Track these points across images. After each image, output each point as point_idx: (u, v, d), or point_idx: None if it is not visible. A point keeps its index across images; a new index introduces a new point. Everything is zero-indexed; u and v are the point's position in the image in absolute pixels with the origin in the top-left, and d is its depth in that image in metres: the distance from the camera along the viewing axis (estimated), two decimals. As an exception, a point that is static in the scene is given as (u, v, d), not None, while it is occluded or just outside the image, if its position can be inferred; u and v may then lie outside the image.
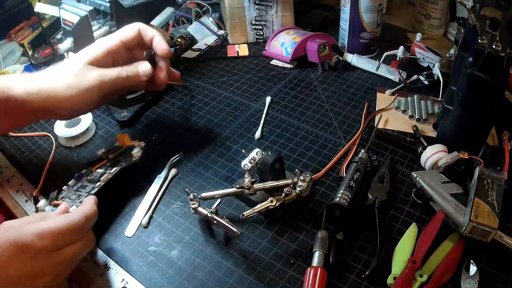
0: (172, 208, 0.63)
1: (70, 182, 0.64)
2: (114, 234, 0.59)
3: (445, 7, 0.91)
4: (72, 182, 0.64)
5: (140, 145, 0.67)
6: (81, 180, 0.64)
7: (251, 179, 0.59)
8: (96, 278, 0.54)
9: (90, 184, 0.62)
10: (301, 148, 0.71)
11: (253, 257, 0.56)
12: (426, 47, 0.83)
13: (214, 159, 0.70)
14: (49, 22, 0.93)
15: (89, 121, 0.75)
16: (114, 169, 0.64)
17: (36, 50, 0.90)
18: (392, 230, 0.58)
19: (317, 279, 0.50)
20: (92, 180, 0.63)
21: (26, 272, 0.45)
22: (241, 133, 0.75)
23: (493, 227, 0.51)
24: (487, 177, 0.56)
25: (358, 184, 0.61)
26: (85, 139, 0.75)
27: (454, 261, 0.52)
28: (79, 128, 0.73)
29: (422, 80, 0.82)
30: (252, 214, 0.55)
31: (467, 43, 0.60)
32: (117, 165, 0.65)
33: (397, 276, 0.51)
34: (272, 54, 0.93)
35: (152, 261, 0.56)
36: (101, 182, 0.62)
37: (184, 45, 0.97)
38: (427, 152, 0.64)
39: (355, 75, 0.87)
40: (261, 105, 0.81)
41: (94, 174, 0.65)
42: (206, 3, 1.07)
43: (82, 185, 0.63)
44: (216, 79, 0.88)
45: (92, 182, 0.63)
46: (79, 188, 0.63)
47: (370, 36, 0.89)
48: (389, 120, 0.75)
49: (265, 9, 0.95)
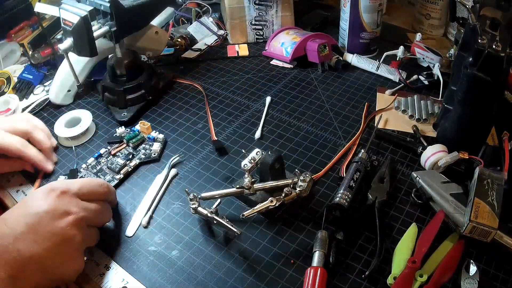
0: (172, 208, 0.63)
1: (90, 160, 0.69)
2: (114, 234, 0.59)
3: (445, 7, 0.92)
4: (92, 161, 0.69)
5: (159, 139, 0.71)
6: (100, 161, 0.69)
7: (251, 179, 0.59)
8: (96, 278, 0.54)
9: (110, 172, 0.67)
10: (301, 148, 0.71)
11: (253, 257, 0.56)
12: (426, 47, 0.83)
13: (214, 159, 0.70)
14: (49, 22, 0.93)
15: (89, 121, 0.75)
16: (134, 163, 0.68)
17: (36, 50, 0.90)
18: (392, 230, 0.58)
19: (317, 279, 0.50)
20: (111, 168, 0.67)
21: (51, 209, 0.48)
22: (241, 133, 0.75)
23: (493, 227, 0.51)
24: (487, 177, 0.56)
25: (358, 184, 0.61)
26: (85, 139, 0.75)
27: (454, 261, 0.52)
28: (79, 128, 0.74)
29: (422, 80, 0.82)
30: (252, 214, 0.55)
31: (467, 43, 0.60)
32: (137, 157, 0.69)
33: (397, 276, 0.51)
34: (272, 54, 0.93)
35: (152, 261, 0.56)
36: (121, 175, 0.66)
37: (184, 45, 0.97)
38: (427, 152, 0.64)
39: (355, 75, 0.87)
40: (261, 105, 0.81)
41: (113, 162, 0.68)
42: (206, 3, 1.07)
43: (102, 171, 0.68)
44: (216, 79, 0.88)
45: (111, 170, 0.67)
46: (98, 172, 0.67)
47: (370, 36, 0.89)
48: (389, 120, 0.75)
49: (265, 9, 0.95)
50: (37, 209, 0.48)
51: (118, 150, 0.70)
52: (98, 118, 0.79)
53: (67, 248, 0.49)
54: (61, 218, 0.49)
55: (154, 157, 0.70)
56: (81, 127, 0.74)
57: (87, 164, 0.69)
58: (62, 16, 0.67)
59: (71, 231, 0.49)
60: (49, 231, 0.47)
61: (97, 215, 0.54)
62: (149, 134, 0.73)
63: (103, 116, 0.80)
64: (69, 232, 0.49)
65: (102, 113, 0.81)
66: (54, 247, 0.47)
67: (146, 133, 0.73)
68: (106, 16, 0.71)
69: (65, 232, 0.48)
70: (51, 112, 0.82)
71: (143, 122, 0.73)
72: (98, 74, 0.85)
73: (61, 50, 0.67)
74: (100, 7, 0.69)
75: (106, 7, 0.69)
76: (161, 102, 0.83)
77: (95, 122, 0.78)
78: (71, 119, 0.76)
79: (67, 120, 0.76)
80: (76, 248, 0.50)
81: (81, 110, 0.78)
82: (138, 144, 0.72)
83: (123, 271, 0.55)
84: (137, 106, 0.79)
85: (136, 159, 0.69)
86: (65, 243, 0.48)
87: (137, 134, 0.72)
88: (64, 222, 0.49)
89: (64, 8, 0.67)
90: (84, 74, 0.83)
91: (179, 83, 0.87)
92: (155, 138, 0.72)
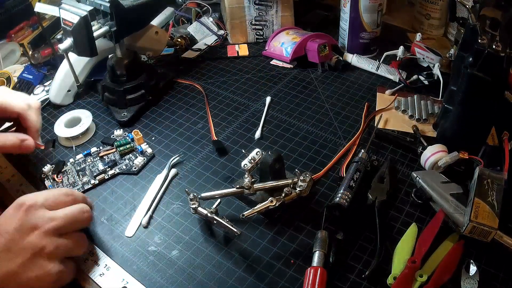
0: (172, 208, 0.63)
1: (78, 156, 0.70)
2: (114, 234, 0.59)
3: (445, 7, 0.92)
4: (80, 157, 0.70)
5: (147, 153, 0.69)
6: (86, 160, 0.70)
7: (251, 179, 0.59)
8: (96, 278, 0.54)
9: (90, 174, 0.67)
10: (301, 148, 0.71)
11: (253, 257, 0.56)
12: (426, 47, 0.83)
13: (214, 159, 0.70)
14: (49, 22, 0.93)
15: (89, 121, 0.75)
16: (113, 172, 0.67)
17: (36, 50, 0.90)
18: (392, 230, 0.58)
19: (317, 279, 0.50)
20: (91, 171, 0.66)
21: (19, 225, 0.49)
22: (241, 133, 0.75)
23: (493, 227, 0.51)
24: (487, 177, 0.56)
25: (358, 184, 0.61)
26: (86, 139, 0.75)
27: (454, 261, 0.52)
28: (79, 128, 0.74)
29: (422, 80, 0.82)
30: (252, 214, 0.55)
31: (467, 43, 0.60)
32: (118, 166, 0.68)
33: (397, 276, 0.51)
34: (272, 54, 0.93)
35: (152, 261, 0.56)
36: (96, 181, 0.66)
37: (184, 45, 0.97)
38: (427, 152, 0.64)
39: (355, 75, 0.87)
40: (261, 105, 0.81)
41: (95, 165, 0.68)
42: (206, 3, 1.07)
43: (84, 170, 0.68)
44: (216, 79, 0.88)
45: (90, 174, 0.66)
46: (80, 171, 0.68)
47: (370, 36, 0.89)
48: (389, 120, 0.75)
49: (265, 9, 0.95)
50: (7, 227, 0.49)
51: (106, 153, 0.70)
52: (98, 118, 0.79)
53: (39, 260, 0.49)
54: (30, 233, 0.49)
55: (133, 172, 0.67)
56: (81, 127, 0.74)
57: (75, 159, 0.70)
58: (62, 16, 0.67)
59: (40, 243, 0.49)
60: (20, 248, 0.49)
61: (67, 221, 0.52)
62: (139, 145, 0.71)
63: (103, 116, 0.80)
64: (38, 245, 0.49)
65: (102, 113, 0.81)
66: (26, 261, 0.48)
67: (137, 143, 0.71)
68: (106, 16, 0.71)
69: (35, 245, 0.49)
70: (51, 112, 0.82)
71: (136, 132, 0.72)
72: (98, 74, 0.85)
73: (61, 50, 0.67)
74: (100, 7, 0.69)
75: (106, 7, 0.69)
76: (161, 102, 0.83)
77: (95, 122, 0.78)
78: (71, 119, 0.76)
79: (67, 120, 0.76)
80: (49, 258, 0.50)
81: (81, 110, 0.78)
82: (126, 153, 0.70)
83: (123, 271, 0.55)
84: (137, 106, 0.79)
85: (116, 168, 0.68)
86: (36, 256, 0.49)
87: (129, 142, 0.71)
88: (33, 236, 0.49)
89: (64, 8, 0.67)
90: (84, 74, 0.83)
91: (179, 83, 0.87)
92: (143, 151, 0.70)
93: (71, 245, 0.52)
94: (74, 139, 0.74)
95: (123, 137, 0.73)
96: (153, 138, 0.74)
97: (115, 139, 0.73)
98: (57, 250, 0.50)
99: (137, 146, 0.71)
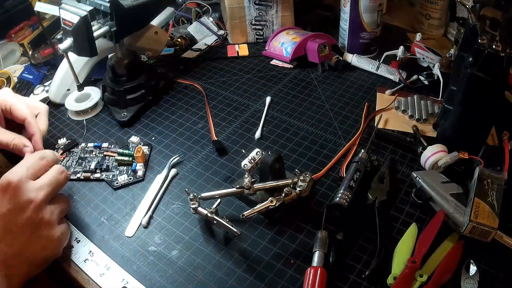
0: (172, 208, 0.63)
1: (90, 145, 0.72)
2: (114, 234, 0.59)
3: (445, 7, 0.92)
4: (91, 146, 0.72)
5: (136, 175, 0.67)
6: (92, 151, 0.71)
7: (251, 179, 0.59)
8: (96, 278, 0.54)
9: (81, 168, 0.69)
10: (301, 148, 0.71)
11: (253, 257, 0.56)
12: (426, 47, 0.83)
13: (214, 159, 0.70)
14: (49, 22, 0.93)
15: (98, 96, 0.80)
16: (97, 175, 0.67)
17: (36, 50, 0.90)
18: (392, 230, 0.58)
19: (317, 279, 0.50)
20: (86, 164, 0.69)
21: (12, 205, 0.50)
22: (241, 133, 0.75)
23: (493, 227, 0.51)
24: (487, 177, 0.56)
25: (358, 184, 0.61)
26: (94, 113, 0.80)
27: (454, 261, 0.52)
28: (89, 102, 0.79)
29: (422, 80, 0.82)
30: (252, 214, 0.55)
31: (467, 43, 0.60)
32: (105, 174, 0.68)
33: (397, 276, 0.51)
34: (272, 54, 0.93)
35: (152, 261, 0.56)
36: (81, 176, 0.68)
37: (184, 45, 0.97)
38: (427, 152, 0.64)
39: (355, 75, 0.87)
40: (261, 105, 0.81)
41: (90, 161, 0.70)
42: (206, 3, 1.07)
43: (80, 159, 0.70)
44: (216, 79, 0.88)
45: (82, 167, 0.69)
46: (79, 159, 0.70)
47: (370, 36, 0.89)
48: (389, 120, 0.75)
49: (265, 9, 0.95)
50: (2, 210, 0.50)
51: (109, 154, 0.70)
52: (98, 118, 0.80)
53: (41, 231, 0.52)
54: (26, 209, 0.51)
55: (113, 186, 0.65)
56: (90, 101, 0.79)
57: (86, 145, 0.73)
58: (62, 16, 0.67)
59: (37, 216, 0.52)
60: (20, 226, 0.50)
61: (52, 187, 0.54)
62: (136, 163, 0.68)
63: (103, 116, 0.80)
64: (36, 218, 0.51)
65: (102, 113, 0.81)
66: (30, 236, 0.51)
67: (136, 160, 0.68)
68: (106, 16, 0.71)
69: (33, 220, 0.51)
70: (51, 112, 0.81)
71: (139, 148, 0.69)
72: (98, 74, 0.85)
73: (61, 50, 0.67)
74: (100, 7, 0.69)
75: (106, 7, 0.69)
76: (161, 102, 0.83)
77: (95, 122, 0.78)
78: (81, 95, 0.80)
79: (77, 97, 0.80)
80: (49, 226, 0.53)
81: (91, 87, 0.82)
82: (122, 163, 0.69)
83: (123, 271, 0.55)
84: (137, 106, 0.79)
85: (103, 174, 0.67)
86: (37, 228, 0.52)
87: (131, 155, 0.69)
88: (29, 212, 0.51)
89: (64, 8, 0.67)
90: (84, 74, 0.83)
91: (179, 83, 0.87)
92: (135, 170, 0.67)
93: (61, 206, 0.56)
94: (84, 112, 0.79)
95: (133, 146, 0.72)
96: (153, 138, 0.74)
97: (127, 144, 0.72)
98: (52, 216, 0.53)
99: (134, 162, 0.68)
